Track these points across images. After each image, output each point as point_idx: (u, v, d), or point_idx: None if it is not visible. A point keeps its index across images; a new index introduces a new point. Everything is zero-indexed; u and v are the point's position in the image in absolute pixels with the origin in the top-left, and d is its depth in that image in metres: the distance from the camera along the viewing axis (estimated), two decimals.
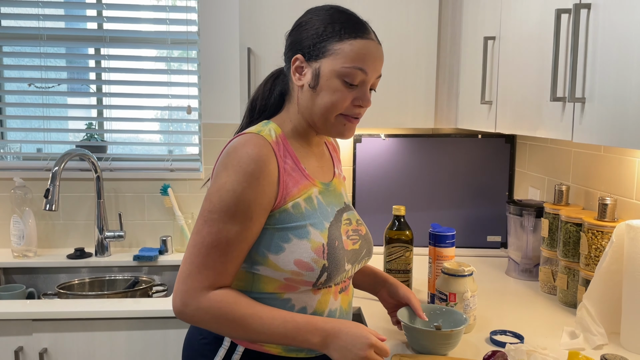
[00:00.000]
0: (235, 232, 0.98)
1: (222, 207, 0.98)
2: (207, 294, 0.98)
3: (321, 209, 1.08)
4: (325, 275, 1.03)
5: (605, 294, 1.34)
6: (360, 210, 2.21)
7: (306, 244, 1.02)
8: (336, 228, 1.09)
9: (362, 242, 1.16)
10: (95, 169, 2.07)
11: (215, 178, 1.01)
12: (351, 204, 1.20)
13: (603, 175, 1.58)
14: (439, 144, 2.19)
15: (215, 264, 0.98)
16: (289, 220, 1.03)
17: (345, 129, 1.08)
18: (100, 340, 1.58)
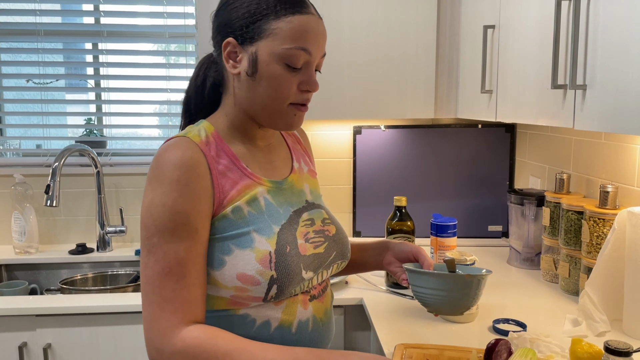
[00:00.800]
0: (185, 250, 0.86)
1: (158, 226, 0.86)
2: (179, 333, 0.85)
3: (270, 211, 0.95)
4: (275, 288, 0.90)
5: (608, 282, 1.34)
6: (361, 203, 2.22)
7: (249, 255, 0.89)
8: (289, 232, 0.95)
9: (329, 244, 1.02)
10: (95, 164, 2.07)
11: (143, 197, 0.89)
12: (320, 201, 1.08)
13: (604, 163, 1.58)
14: (439, 134, 2.19)
15: (175, 294, 0.85)
16: (229, 228, 0.90)
17: (296, 119, 0.97)
18: (104, 335, 1.58)
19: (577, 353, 1.12)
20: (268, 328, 0.94)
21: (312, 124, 2.21)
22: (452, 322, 1.39)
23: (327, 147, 2.22)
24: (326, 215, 1.06)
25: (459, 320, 1.38)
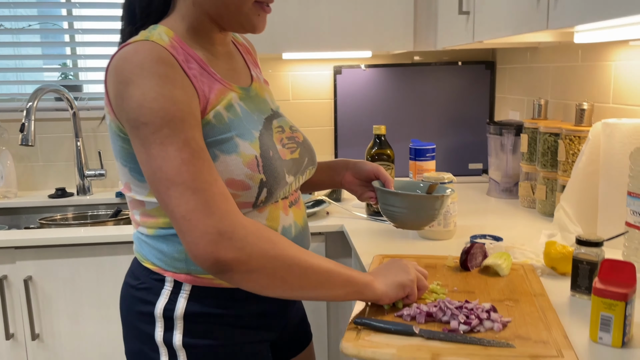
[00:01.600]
0: (199, 137, 0.81)
1: (165, 117, 0.78)
2: (245, 217, 0.80)
3: (246, 117, 0.91)
4: (265, 191, 0.89)
5: (582, 195, 1.36)
6: (342, 142, 2.21)
7: (236, 160, 0.86)
8: (267, 137, 0.93)
9: (301, 150, 1.01)
10: (71, 106, 2.03)
11: (123, 101, 0.80)
12: (280, 110, 1.06)
13: (580, 85, 1.59)
14: (419, 72, 2.18)
15: (215, 177, 0.80)
16: (212, 134, 0.85)
17: (260, 19, 0.92)
18: (85, 266, 1.58)
19: (551, 254, 1.14)
20: None
21: (291, 65, 2.19)
22: (431, 240, 1.41)
23: (307, 89, 2.21)
24: (290, 123, 1.05)
25: (437, 237, 1.40)
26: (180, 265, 0.90)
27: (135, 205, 0.93)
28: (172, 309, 0.89)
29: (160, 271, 0.92)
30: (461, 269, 1.14)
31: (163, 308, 0.90)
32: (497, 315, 0.88)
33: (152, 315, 0.90)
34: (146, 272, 0.93)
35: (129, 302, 0.95)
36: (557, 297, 1.02)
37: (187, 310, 0.89)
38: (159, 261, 0.92)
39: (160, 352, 0.90)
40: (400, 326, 0.85)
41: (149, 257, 0.93)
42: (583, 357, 0.79)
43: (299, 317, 1.14)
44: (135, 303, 0.93)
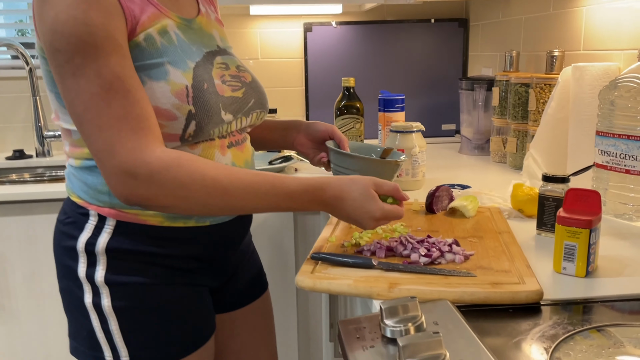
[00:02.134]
0: (118, 64, 0.75)
1: (76, 44, 0.73)
2: (152, 152, 0.75)
3: (182, 46, 0.86)
4: (194, 125, 0.83)
5: (552, 142, 1.34)
6: (313, 102, 2.16)
7: (164, 87, 0.81)
8: (205, 70, 0.87)
9: (247, 91, 0.94)
10: (27, 62, 1.93)
11: (40, 22, 0.76)
12: (232, 51, 0.99)
13: (552, 34, 1.56)
14: (392, 30, 2.13)
15: (127, 110, 0.75)
16: (141, 57, 0.80)
17: None
18: (41, 224, 1.51)
19: (518, 196, 1.12)
20: None
21: (260, 21, 2.12)
22: None
23: (277, 47, 2.14)
24: (239, 63, 0.98)
25: (405, 187, 1.37)
26: (104, 199, 0.85)
27: (65, 135, 0.88)
28: (94, 243, 0.85)
29: (84, 204, 0.87)
30: (427, 212, 1.11)
31: (85, 242, 0.85)
32: (460, 249, 0.85)
33: (75, 250, 0.86)
34: (73, 206, 0.89)
35: (57, 237, 0.91)
36: (523, 237, 0.99)
37: (109, 245, 0.85)
38: (84, 194, 0.87)
39: (84, 289, 0.86)
40: (359, 259, 0.82)
41: (75, 190, 0.88)
42: (546, 287, 0.76)
43: (251, 264, 1.09)
44: (61, 238, 0.89)
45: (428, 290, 0.73)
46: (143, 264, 0.87)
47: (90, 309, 0.86)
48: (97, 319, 0.86)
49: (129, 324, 0.86)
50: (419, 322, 0.63)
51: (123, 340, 0.86)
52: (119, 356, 0.86)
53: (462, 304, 0.72)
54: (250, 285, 1.08)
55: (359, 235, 0.94)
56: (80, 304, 0.87)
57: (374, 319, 0.68)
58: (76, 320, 0.89)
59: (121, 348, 0.86)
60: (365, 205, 0.81)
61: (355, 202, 0.82)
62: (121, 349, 0.86)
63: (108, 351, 0.86)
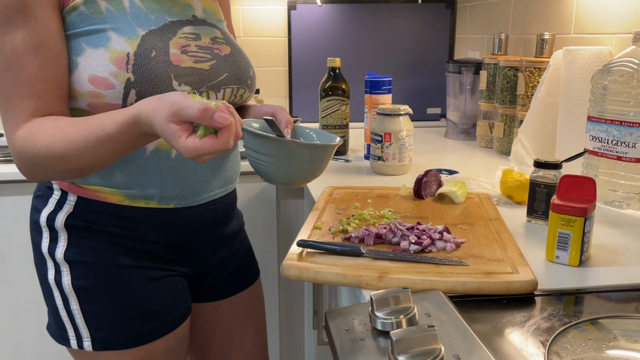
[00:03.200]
0: (22, 40, 0.73)
1: None
2: (18, 131, 0.75)
3: (136, 13, 0.80)
4: (134, 94, 0.77)
5: (541, 127, 1.32)
6: (297, 84, 2.10)
7: (102, 54, 0.77)
8: (159, 38, 0.81)
9: (217, 63, 0.86)
10: None
11: None
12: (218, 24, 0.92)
13: (542, 17, 1.53)
14: (378, 10, 2.08)
15: (16, 90, 0.74)
16: (81, 23, 0.77)
17: None
18: (11, 205, 1.45)
19: (507, 182, 1.09)
20: (142, 152, 0.82)
21: None
22: (385, 175, 1.34)
23: (260, 25, 2.07)
24: (220, 35, 0.91)
25: (391, 172, 1.34)
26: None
27: None
28: (54, 218, 0.84)
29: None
30: (415, 198, 1.08)
31: (47, 217, 0.84)
32: (450, 236, 0.82)
33: (39, 224, 0.86)
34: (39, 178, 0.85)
35: (31, 212, 0.90)
36: (513, 224, 0.97)
37: (68, 221, 0.83)
38: None
39: (48, 265, 0.85)
40: (347, 247, 0.78)
41: None
42: (539, 276, 0.74)
43: (240, 252, 1.05)
44: (32, 212, 0.89)
45: (419, 280, 0.70)
46: (104, 244, 0.84)
47: (54, 286, 0.85)
48: (59, 297, 0.85)
49: (88, 304, 0.84)
50: (412, 314, 0.60)
51: (84, 321, 0.84)
52: (81, 337, 0.84)
53: (454, 294, 0.69)
54: (238, 274, 1.04)
55: (346, 221, 0.91)
56: (46, 281, 0.86)
57: (364, 309, 0.65)
58: (46, 296, 0.88)
59: (82, 329, 0.84)
60: (173, 143, 0.67)
61: (165, 137, 0.67)
62: (82, 330, 0.84)
63: (71, 331, 0.85)
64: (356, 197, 1.09)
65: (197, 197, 0.88)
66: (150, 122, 0.68)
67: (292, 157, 0.81)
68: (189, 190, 0.87)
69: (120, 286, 0.85)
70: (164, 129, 0.66)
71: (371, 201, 1.05)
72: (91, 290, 0.84)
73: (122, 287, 0.85)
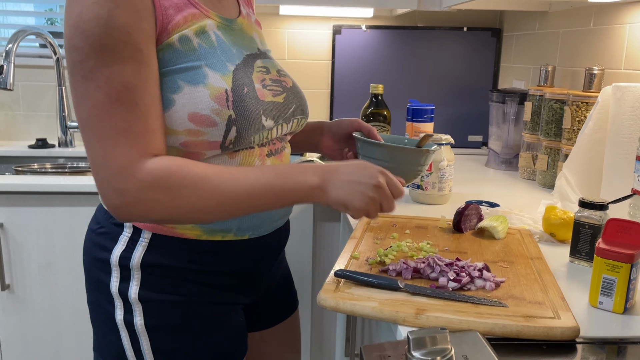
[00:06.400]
0: (132, 73, 0.72)
1: (94, 45, 0.70)
2: (143, 166, 0.72)
3: (222, 47, 0.82)
4: (235, 131, 0.79)
5: (586, 163, 1.29)
6: (339, 106, 2.13)
7: (203, 92, 0.76)
8: (245, 73, 0.83)
9: (288, 96, 0.90)
10: (55, 51, 1.93)
11: (66, 16, 0.72)
12: (271, 55, 0.95)
13: (591, 50, 1.50)
14: (422, 37, 2.09)
15: (129, 124, 0.71)
16: (176, 60, 0.76)
17: None
18: (59, 216, 1.50)
19: (550, 219, 1.07)
20: None
21: (289, 22, 2.09)
22: (424, 204, 1.33)
23: (305, 48, 2.11)
24: (280, 67, 0.95)
25: (431, 201, 1.33)
26: None
27: None
28: (129, 257, 0.81)
29: None
30: (454, 231, 1.07)
31: (119, 256, 0.81)
32: (490, 275, 0.81)
33: (108, 263, 0.82)
34: (107, 216, 0.85)
35: (89, 247, 0.88)
36: (555, 264, 0.95)
37: (145, 259, 0.81)
38: None
39: (116, 304, 0.82)
40: (384, 280, 0.78)
41: None
42: (581, 322, 0.72)
43: (283, 280, 1.05)
44: (93, 249, 0.86)
45: (457, 319, 0.69)
46: (178, 280, 0.83)
47: (122, 327, 0.82)
48: (127, 337, 0.82)
49: (161, 343, 0.82)
50: (449, 356, 0.59)
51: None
52: None
53: (492, 337, 0.68)
54: (282, 303, 1.05)
55: (384, 252, 0.91)
56: (111, 320, 0.83)
57: (400, 347, 0.65)
58: (104, 335, 0.86)
59: None
60: (364, 168, 0.77)
61: (350, 167, 0.77)
62: None
63: None
64: (394, 226, 1.09)
65: (268, 227, 0.89)
66: (337, 164, 0.78)
67: (411, 162, 0.94)
68: (262, 220, 0.88)
69: (193, 323, 0.84)
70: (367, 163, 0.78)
71: (409, 232, 1.05)
72: (164, 329, 0.82)
73: (195, 324, 0.84)
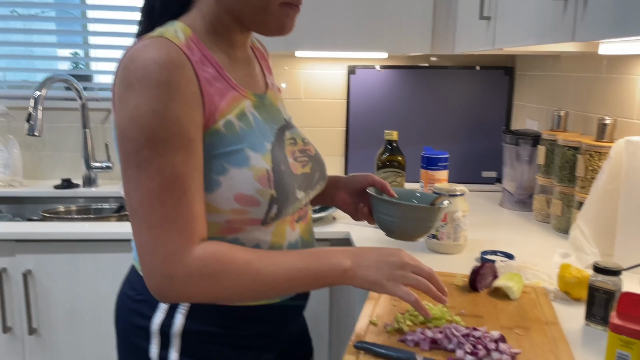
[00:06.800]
0: (182, 163, 0.76)
1: (149, 137, 0.74)
2: (191, 253, 0.76)
3: (259, 127, 0.87)
4: (275, 208, 0.84)
5: (600, 214, 1.30)
6: (353, 143, 2.16)
7: (247, 173, 0.81)
8: (279, 149, 0.88)
9: (313, 165, 0.96)
10: (80, 96, 2.00)
11: (120, 105, 0.77)
12: (292, 121, 1.01)
13: (603, 98, 1.52)
14: (436, 76, 2.12)
15: (178, 212, 0.76)
16: (221, 145, 0.81)
17: (289, 20, 0.87)
18: (85, 262, 1.55)
19: (565, 278, 1.09)
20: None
21: (304, 63, 2.14)
22: (440, 254, 1.36)
23: (320, 88, 2.16)
24: (303, 135, 1.00)
25: (446, 251, 1.35)
26: None
27: None
28: (170, 325, 0.85)
29: None
30: (470, 289, 1.09)
31: (160, 324, 0.85)
32: (506, 346, 0.83)
33: (147, 331, 0.86)
34: (141, 281, 0.88)
35: (125, 313, 0.91)
36: (570, 325, 0.96)
37: (185, 327, 0.85)
38: None
39: None
40: (403, 353, 0.81)
41: None
42: None
43: (301, 332, 1.09)
44: (131, 315, 0.89)
45: None
46: (215, 345, 0.87)
47: None
48: None
49: None
50: None
51: None
52: None
53: None
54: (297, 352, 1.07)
55: (402, 317, 0.93)
56: None
57: None
58: None
59: None
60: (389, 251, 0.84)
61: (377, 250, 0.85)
62: None
63: None
64: None
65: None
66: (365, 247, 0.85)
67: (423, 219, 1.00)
68: None
69: None
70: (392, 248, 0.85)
71: None
72: None
73: None
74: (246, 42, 0.94)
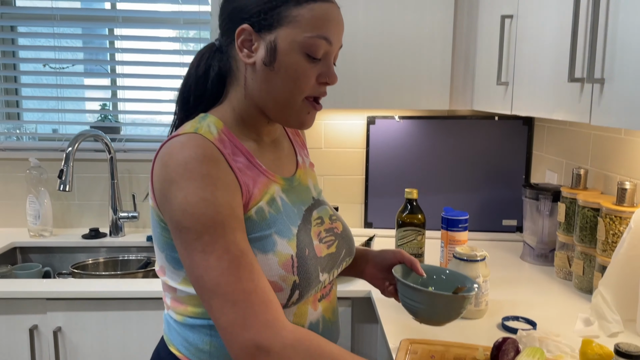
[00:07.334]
0: (241, 239, 0.81)
1: (206, 223, 0.78)
2: (285, 325, 0.78)
3: (287, 211, 0.91)
4: (297, 293, 0.87)
5: (622, 281, 1.31)
6: (373, 193, 2.19)
7: (272, 259, 0.84)
8: (305, 232, 0.92)
9: (339, 243, 0.99)
10: (109, 150, 2.08)
11: (167, 201, 0.82)
12: (322, 197, 1.05)
13: (623, 159, 1.53)
14: (454, 126, 2.15)
15: (255, 284, 0.78)
16: (252, 231, 0.85)
17: (309, 117, 0.92)
18: (113, 320, 1.60)
19: (587, 354, 1.09)
20: None
21: (325, 114, 2.19)
22: (461, 319, 1.36)
23: (340, 137, 2.20)
24: (331, 211, 1.03)
25: (468, 316, 1.36)
26: (204, 357, 0.90)
27: (167, 289, 0.94)
28: None
29: (184, 359, 0.92)
30: None
31: None
32: None
33: None
34: (170, 357, 0.94)
35: None
36: None
37: None
38: (184, 349, 0.92)
39: None
40: None
41: (175, 342, 0.93)
42: None
43: None
44: None
45: None
46: None
47: None
48: None
49: None
50: None
51: None
52: None
53: None
54: None
55: None
56: None
57: None
58: None
59: None
60: None
61: None
62: None
63: None
64: (433, 358, 1.13)
65: None
66: None
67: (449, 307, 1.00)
68: None
69: None
70: None
71: None
72: None
73: None
74: (272, 129, 0.99)
